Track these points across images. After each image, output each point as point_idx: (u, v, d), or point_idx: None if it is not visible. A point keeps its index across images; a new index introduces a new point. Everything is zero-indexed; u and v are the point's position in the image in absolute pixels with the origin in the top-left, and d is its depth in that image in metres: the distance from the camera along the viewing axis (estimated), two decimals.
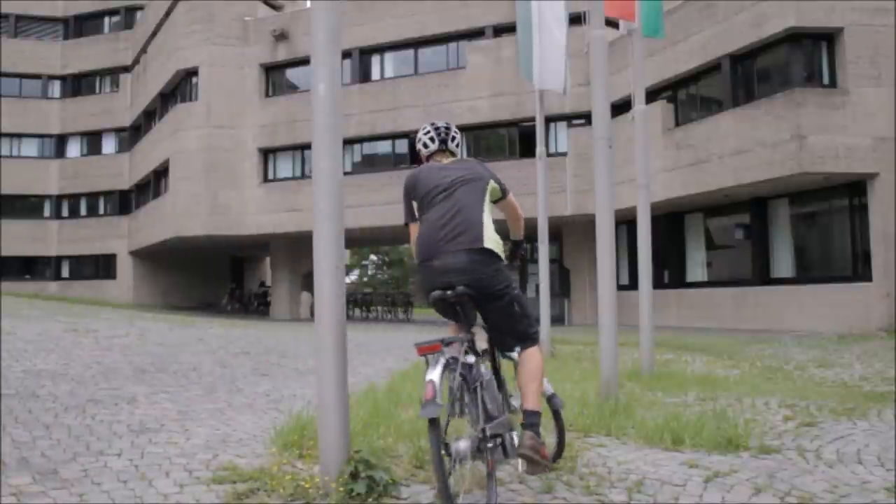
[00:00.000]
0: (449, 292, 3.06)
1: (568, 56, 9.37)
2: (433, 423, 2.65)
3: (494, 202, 3.36)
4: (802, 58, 14.17)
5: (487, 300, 3.12)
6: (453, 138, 3.47)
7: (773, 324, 14.68)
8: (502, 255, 3.21)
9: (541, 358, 3.18)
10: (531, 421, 2.98)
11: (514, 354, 3.20)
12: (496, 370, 3.26)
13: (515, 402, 3.29)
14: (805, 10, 13.62)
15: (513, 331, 3.19)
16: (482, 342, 3.23)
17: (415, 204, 3.33)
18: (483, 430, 2.82)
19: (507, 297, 3.14)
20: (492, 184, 3.30)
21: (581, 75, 16.28)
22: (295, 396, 5.62)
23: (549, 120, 16.45)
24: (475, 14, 20.83)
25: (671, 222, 17.86)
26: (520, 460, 2.95)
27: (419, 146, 3.53)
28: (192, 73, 24.20)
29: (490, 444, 2.83)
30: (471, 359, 2.98)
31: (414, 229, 3.33)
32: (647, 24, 7.94)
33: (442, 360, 2.78)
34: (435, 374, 2.71)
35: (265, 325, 17.63)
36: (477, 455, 2.84)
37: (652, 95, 15.41)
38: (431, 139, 3.46)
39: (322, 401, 3.12)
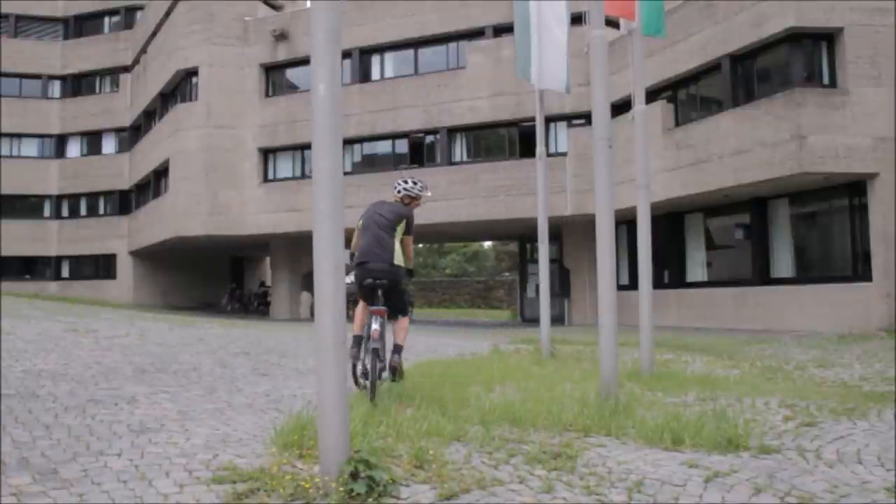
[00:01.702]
0: (368, 281, 5.29)
1: (570, 55, 9.37)
2: (376, 351, 4.93)
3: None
4: (802, 58, 14.17)
5: (392, 290, 5.32)
6: (399, 192, 5.77)
7: (773, 324, 14.68)
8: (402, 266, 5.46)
9: (406, 322, 5.58)
10: (396, 349, 5.46)
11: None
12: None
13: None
14: (805, 10, 13.62)
15: (399, 308, 5.50)
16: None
17: (361, 222, 5.63)
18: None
19: (401, 289, 5.49)
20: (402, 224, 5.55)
21: (581, 75, 16.28)
22: (295, 396, 5.62)
23: (549, 120, 16.45)
24: (475, 14, 20.83)
25: (671, 222, 17.86)
26: (387, 371, 5.37)
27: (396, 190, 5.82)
28: (192, 73, 24.21)
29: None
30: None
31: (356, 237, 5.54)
32: (648, 23, 7.94)
33: (380, 319, 5.09)
34: (377, 325, 5.04)
35: (265, 325, 17.63)
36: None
37: (652, 95, 15.41)
38: (397, 191, 5.80)
39: (322, 401, 3.12)
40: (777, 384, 7.16)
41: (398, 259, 5.38)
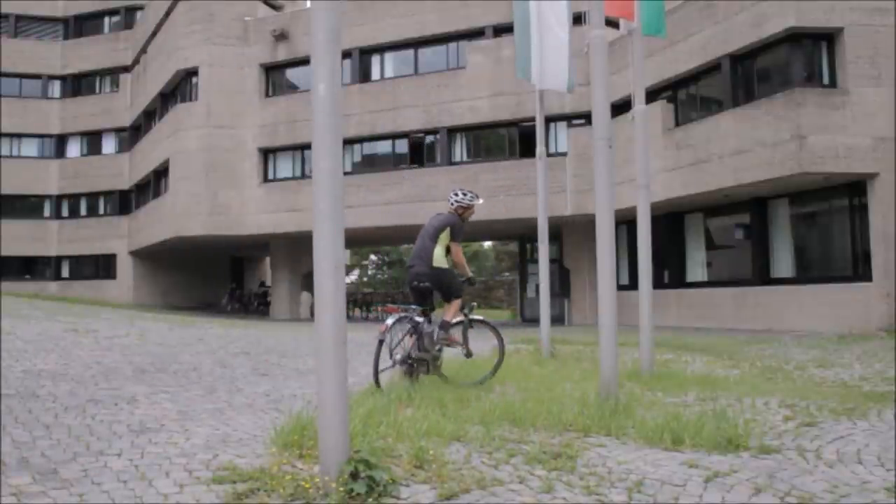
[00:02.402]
0: (413, 283, 6.21)
1: (572, 55, 9.37)
2: (381, 343, 5.70)
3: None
4: (802, 58, 14.17)
5: (434, 289, 6.18)
6: (453, 203, 6.33)
7: (773, 324, 14.68)
8: (446, 266, 6.16)
9: (458, 302, 6.22)
10: (442, 325, 6.16)
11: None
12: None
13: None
14: (805, 10, 13.62)
15: (447, 296, 6.25)
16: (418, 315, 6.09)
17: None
18: (410, 355, 5.95)
19: (445, 287, 6.22)
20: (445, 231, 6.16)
21: (581, 75, 16.23)
22: (295, 396, 5.63)
23: (549, 120, 16.45)
24: (475, 14, 20.82)
25: (671, 222, 17.86)
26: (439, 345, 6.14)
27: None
28: (192, 73, 24.20)
29: (414, 364, 5.99)
30: (419, 318, 6.04)
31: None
32: (648, 23, 7.94)
33: (395, 316, 5.97)
34: (390, 321, 5.88)
35: (265, 325, 17.63)
36: (405, 366, 5.94)
37: (652, 95, 15.41)
38: (451, 203, 6.38)
39: (322, 401, 3.12)
40: (777, 384, 7.15)
41: (437, 262, 6.06)
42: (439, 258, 6.09)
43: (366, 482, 2.95)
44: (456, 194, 6.36)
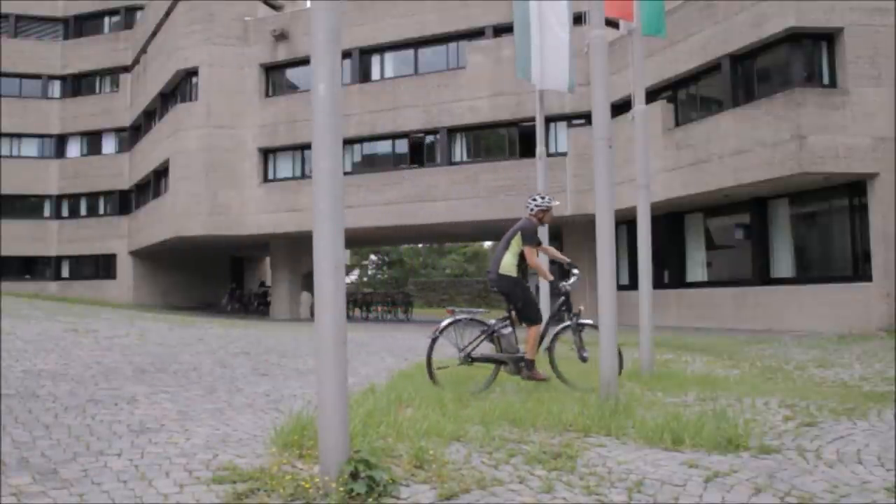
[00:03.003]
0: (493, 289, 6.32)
1: (572, 55, 9.38)
2: (433, 341, 5.88)
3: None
4: (802, 58, 14.17)
5: (508, 297, 6.15)
6: (532, 209, 6.33)
7: (773, 324, 14.68)
8: (514, 274, 6.12)
9: (535, 331, 6.07)
10: (527, 364, 6.04)
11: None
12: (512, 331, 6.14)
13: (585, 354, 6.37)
14: (805, 10, 13.62)
15: (524, 317, 6.13)
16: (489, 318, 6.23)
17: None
18: (500, 358, 6.10)
19: (517, 296, 6.14)
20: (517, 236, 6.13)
21: (581, 75, 16.22)
22: (295, 396, 5.63)
23: (549, 120, 16.46)
24: (475, 14, 20.82)
25: (671, 222, 17.86)
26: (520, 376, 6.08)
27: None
28: (192, 73, 24.19)
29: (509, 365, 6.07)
30: (491, 321, 6.11)
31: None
32: (648, 23, 7.94)
33: (450, 319, 5.94)
34: (444, 324, 5.92)
35: (265, 325, 17.63)
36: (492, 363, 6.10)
37: (652, 95, 15.40)
38: (529, 209, 6.34)
39: (322, 401, 3.12)
40: (777, 384, 7.15)
41: (504, 269, 6.09)
42: (506, 265, 6.09)
43: (366, 482, 2.95)
44: (533, 199, 6.37)
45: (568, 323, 6.38)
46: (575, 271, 6.55)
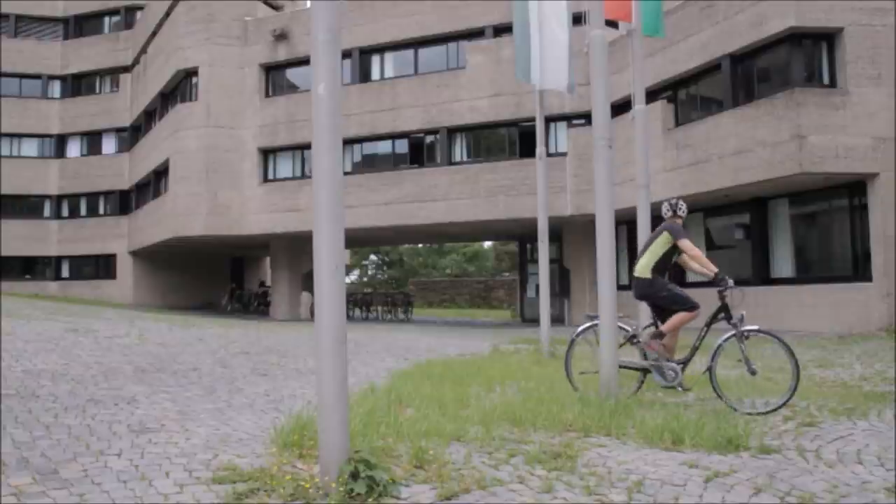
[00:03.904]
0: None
1: (572, 55, 9.38)
2: (571, 343, 6.15)
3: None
4: (802, 58, 14.16)
5: (648, 299, 6.17)
6: (673, 212, 6.22)
7: (773, 324, 14.65)
8: (648, 276, 6.02)
9: (684, 315, 5.93)
10: (654, 334, 6.01)
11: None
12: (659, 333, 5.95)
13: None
14: (805, 10, 13.61)
15: (671, 308, 6.00)
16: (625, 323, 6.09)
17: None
18: (644, 366, 5.93)
19: (659, 296, 6.03)
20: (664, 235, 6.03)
21: (581, 75, 16.26)
22: (295, 396, 5.63)
23: (549, 120, 16.47)
24: (475, 14, 20.82)
25: None
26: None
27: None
28: (192, 73, 24.19)
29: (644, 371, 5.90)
30: (633, 324, 6.17)
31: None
32: (647, 23, 7.95)
33: (587, 323, 6.04)
34: (583, 327, 6.09)
35: (265, 325, 17.62)
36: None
37: (652, 95, 15.40)
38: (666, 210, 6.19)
39: (322, 401, 3.12)
40: (777, 384, 7.15)
41: (639, 272, 6.06)
42: (640, 268, 6.03)
43: (366, 482, 2.95)
44: (671, 206, 6.25)
45: (733, 332, 5.67)
46: (730, 281, 6.00)
